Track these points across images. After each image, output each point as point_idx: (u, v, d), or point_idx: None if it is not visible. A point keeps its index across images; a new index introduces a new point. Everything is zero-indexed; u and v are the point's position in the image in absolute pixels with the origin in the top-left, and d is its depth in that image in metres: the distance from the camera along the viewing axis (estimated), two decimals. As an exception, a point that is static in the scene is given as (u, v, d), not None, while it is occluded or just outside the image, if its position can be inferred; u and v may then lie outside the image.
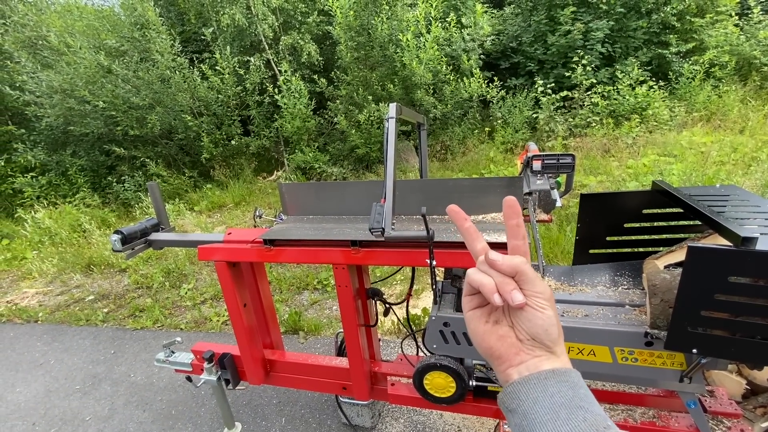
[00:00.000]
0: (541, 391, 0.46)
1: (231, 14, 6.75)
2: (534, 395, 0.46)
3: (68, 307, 4.24)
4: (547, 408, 0.44)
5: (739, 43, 6.83)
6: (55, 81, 6.71)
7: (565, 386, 0.46)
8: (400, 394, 1.67)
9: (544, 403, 0.45)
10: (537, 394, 0.46)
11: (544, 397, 0.45)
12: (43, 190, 7.47)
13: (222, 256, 1.58)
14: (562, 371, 0.48)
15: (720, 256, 0.92)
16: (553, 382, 0.46)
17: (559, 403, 0.44)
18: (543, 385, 0.46)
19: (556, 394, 0.45)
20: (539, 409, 0.45)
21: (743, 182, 4.34)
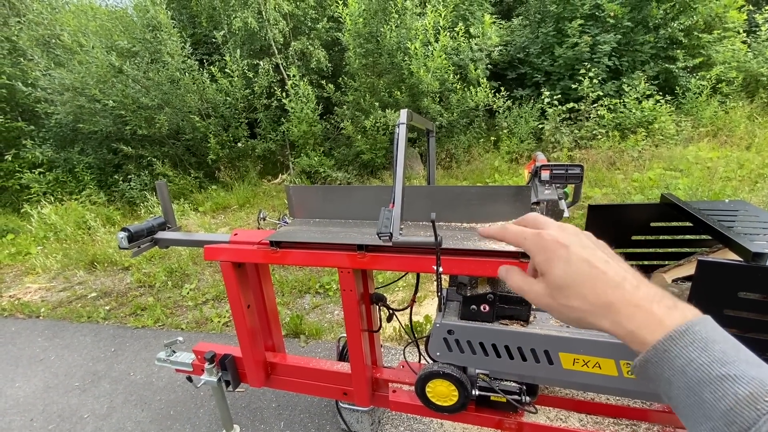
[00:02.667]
0: (668, 368, 0.37)
1: (243, 18, 6.84)
2: (666, 375, 0.38)
3: (70, 303, 4.25)
4: (685, 392, 0.36)
5: (746, 59, 6.85)
6: (67, 79, 6.80)
7: (695, 350, 0.37)
8: (401, 402, 1.66)
9: (680, 384, 0.36)
10: (667, 373, 0.37)
11: (675, 374, 0.37)
12: (50, 186, 7.53)
13: (228, 256, 1.58)
14: (681, 330, 0.38)
15: (730, 271, 0.91)
16: (678, 349, 0.37)
17: (696, 379, 0.35)
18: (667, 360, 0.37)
19: (688, 367, 0.36)
20: (677, 393, 0.37)
21: (750, 199, 4.32)
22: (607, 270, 0.44)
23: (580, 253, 0.45)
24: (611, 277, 0.43)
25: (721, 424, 0.33)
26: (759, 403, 0.32)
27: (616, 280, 0.43)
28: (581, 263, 0.45)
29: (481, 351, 1.32)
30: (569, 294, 0.45)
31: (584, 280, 0.44)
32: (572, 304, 0.45)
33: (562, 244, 0.46)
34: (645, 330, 0.40)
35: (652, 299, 0.41)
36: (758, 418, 0.31)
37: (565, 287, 0.45)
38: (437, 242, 1.12)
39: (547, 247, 0.47)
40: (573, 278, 0.45)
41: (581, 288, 0.44)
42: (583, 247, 0.46)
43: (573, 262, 0.45)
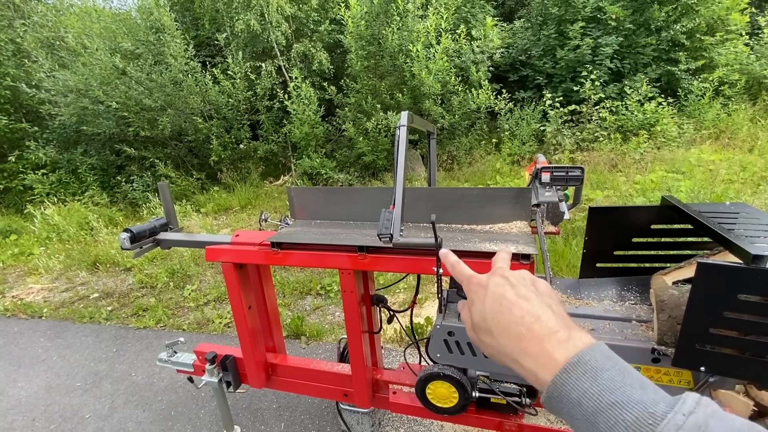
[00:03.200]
0: (566, 402, 0.38)
1: (246, 20, 6.87)
2: (566, 409, 0.39)
3: (72, 304, 4.27)
4: (584, 424, 0.37)
5: (749, 62, 6.84)
6: (71, 81, 6.85)
7: (586, 380, 0.38)
8: (401, 403, 1.66)
9: (578, 415, 0.37)
10: (566, 407, 0.39)
11: (573, 407, 0.38)
12: (53, 187, 7.57)
13: (229, 257, 1.59)
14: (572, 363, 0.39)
15: (730, 273, 0.91)
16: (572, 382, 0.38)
17: (591, 410, 0.36)
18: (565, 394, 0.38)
19: (582, 399, 0.37)
20: (579, 425, 0.38)
21: (752, 201, 4.31)
22: (511, 308, 0.46)
23: (493, 293, 0.48)
24: (514, 313, 0.45)
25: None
26: (644, 426, 0.32)
27: (517, 316, 0.45)
28: (492, 302, 0.47)
29: (481, 353, 1.32)
30: (482, 331, 0.48)
31: (492, 317, 0.47)
32: (485, 340, 0.48)
33: (482, 286, 0.50)
34: (538, 367, 0.41)
35: (545, 335, 0.42)
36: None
37: (478, 324, 0.49)
38: (437, 243, 1.13)
39: (471, 289, 0.52)
40: (484, 316, 0.48)
41: (489, 325, 0.47)
42: (497, 286, 0.49)
43: (486, 302, 0.48)
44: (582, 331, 0.43)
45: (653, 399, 0.34)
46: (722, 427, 0.30)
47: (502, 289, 0.48)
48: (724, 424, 0.30)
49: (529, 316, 0.44)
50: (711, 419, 0.31)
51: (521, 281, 0.50)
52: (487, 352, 0.49)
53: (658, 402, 0.33)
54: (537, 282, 0.51)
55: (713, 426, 0.30)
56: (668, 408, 0.32)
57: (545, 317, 0.44)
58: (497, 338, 0.46)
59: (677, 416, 0.31)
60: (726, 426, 0.30)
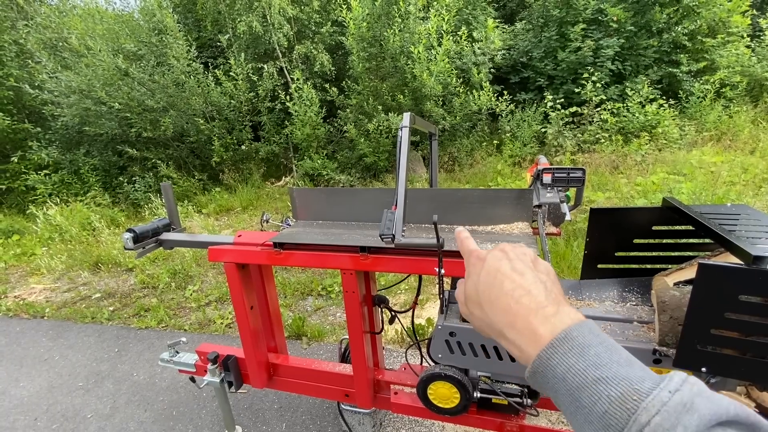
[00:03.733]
0: (551, 377, 0.38)
1: (248, 22, 6.90)
2: (550, 384, 0.39)
3: (75, 304, 4.28)
4: (568, 398, 0.37)
5: (750, 64, 6.84)
6: (74, 82, 6.88)
7: (573, 356, 0.37)
8: (403, 404, 1.66)
9: (563, 390, 0.37)
10: (550, 382, 0.38)
11: (558, 382, 0.38)
12: (56, 187, 7.60)
13: (232, 257, 1.60)
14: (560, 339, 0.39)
15: (731, 274, 0.91)
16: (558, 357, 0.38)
17: (575, 385, 0.36)
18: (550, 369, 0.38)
19: (568, 374, 0.37)
20: (562, 400, 0.38)
21: (753, 203, 4.31)
22: (503, 280, 0.45)
23: (491, 264, 0.47)
24: (506, 285, 0.44)
25: (600, 427, 0.33)
26: (628, 402, 0.32)
27: (508, 288, 0.44)
28: (487, 274, 0.47)
29: (482, 353, 1.33)
30: (472, 302, 0.48)
31: (484, 289, 0.46)
32: (474, 311, 0.48)
33: (480, 258, 0.49)
34: (524, 341, 0.41)
35: (532, 308, 0.41)
36: (628, 418, 0.31)
37: (470, 296, 0.48)
38: (439, 244, 1.13)
39: (470, 262, 0.51)
40: (476, 287, 0.47)
41: (481, 297, 0.46)
42: (497, 259, 0.47)
43: (482, 274, 0.47)
44: (571, 307, 0.42)
45: (639, 376, 0.34)
46: (708, 406, 0.30)
47: (498, 263, 0.47)
48: (711, 403, 0.30)
49: (520, 290, 0.43)
50: (697, 397, 0.30)
51: (521, 256, 0.48)
52: (474, 324, 0.49)
53: (644, 379, 0.33)
54: (537, 260, 0.49)
55: (699, 404, 0.30)
56: (654, 385, 0.32)
57: (536, 291, 0.43)
58: (486, 310, 0.45)
59: (663, 393, 0.31)
60: (712, 405, 0.30)
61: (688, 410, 0.30)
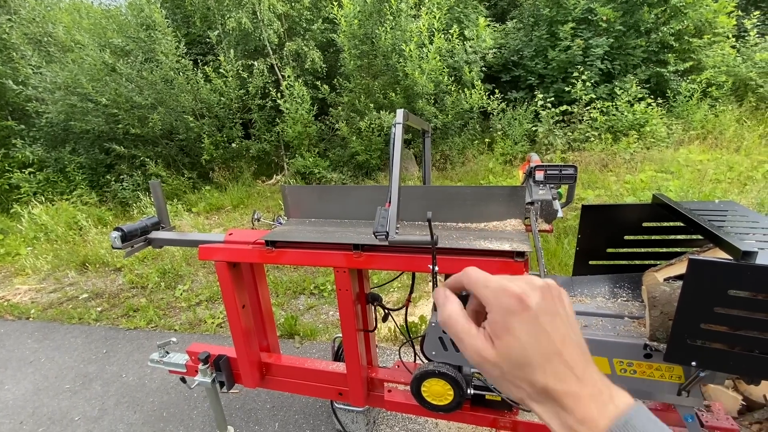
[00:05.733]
0: None
1: (237, 18, 6.82)
2: None
3: (61, 304, 4.20)
4: None
5: (735, 64, 6.96)
6: (59, 77, 6.73)
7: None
8: (396, 401, 1.66)
9: None
10: None
11: None
12: (40, 186, 7.44)
13: (223, 256, 1.58)
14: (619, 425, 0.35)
15: (720, 269, 0.93)
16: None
17: None
18: None
19: None
20: None
21: (739, 200, 4.39)
22: (562, 351, 0.38)
23: (544, 327, 0.38)
24: (565, 359, 0.38)
25: None
26: None
27: (563, 368, 0.37)
28: (540, 340, 0.38)
29: (476, 350, 1.33)
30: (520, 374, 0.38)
31: (539, 362, 0.38)
32: (519, 384, 0.39)
33: (527, 307, 0.38)
34: (582, 427, 0.36)
35: (591, 394, 0.37)
36: None
37: (519, 365, 0.38)
38: (433, 241, 1.13)
39: (509, 308, 0.39)
40: (527, 356, 0.38)
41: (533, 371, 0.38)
42: (548, 314, 0.39)
43: (532, 335, 0.38)
44: (619, 389, 0.38)
45: None
46: None
47: (553, 325, 0.38)
48: None
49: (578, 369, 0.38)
50: None
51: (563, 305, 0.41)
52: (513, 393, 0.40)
53: None
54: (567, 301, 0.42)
55: None
56: None
57: (589, 371, 0.38)
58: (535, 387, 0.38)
59: None
60: None
61: None
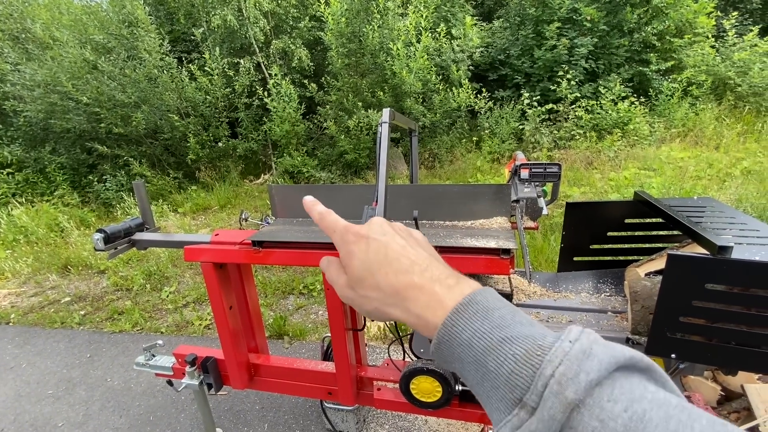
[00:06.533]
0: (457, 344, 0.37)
1: (222, 15, 6.72)
2: (456, 352, 0.37)
3: (42, 308, 4.10)
4: (474, 366, 0.36)
5: (715, 63, 7.14)
6: (39, 74, 6.55)
7: (478, 319, 0.37)
8: (386, 399, 1.66)
9: (469, 358, 0.36)
10: (456, 350, 0.37)
11: (464, 350, 0.37)
12: (20, 187, 7.23)
13: (209, 257, 1.56)
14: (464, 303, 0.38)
15: (697, 264, 0.95)
16: (463, 322, 0.37)
17: (481, 349, 0.35)
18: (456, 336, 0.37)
19: (473, 338, 0.36)
20: (469, 369, 0.37)
21: (718, 196, 4.51)
22: (399, 256, 0.44)
23: (378, 241, 0.45)
24: (402, 262, 0.43)
25: (506, 391, 0.33)
26: (533, 358, 0.32)
27: (405, 265, 0.43)
28: (378, 251, 0.44)
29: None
30: (365, 285, 0.44)
31: (378, 268, 0.43)
32: (369, 294, 0.44)
33: (362, 236, 0.46)
34: (428, 311, 0.40)
35: (435, 280, 0.41)
36: (533, 374, 0.31)
37: (362, 278, 0.44)
38: (420, 240, 1.13)
39: (348, 240, 0.47)
40: (369, 268, 0.44)
41: (375, 276, 0.43)
42: (382, 234, 0.46)
43: (370, 252, 0.44)
44: (470, 279, 0.42)
45: (541, 333, 0.34)
46: (606, 351, 0.31)
47: (385, 238, 0.45)
48: (608, 349, 0.31)
49: (419, 265, 0.43)
50: (594, 345, 0.31)
51: (400, 231, 0.48)
52: (369, 306, 0.45)
53: (546, 335, 0.33)
54: (413, 231, 0.49)
55: (597, 350, 0.31)
56: (555, 338, 0.33)
57: (433, 266, 0.43)
58: (384, 290, 0.43)
59: (564, 344, 0.31)
60: (609, 350, 0.31)
61: (588, 356, 0.30)
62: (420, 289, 0.41)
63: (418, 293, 0.41)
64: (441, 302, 0.40)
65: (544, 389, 0.30)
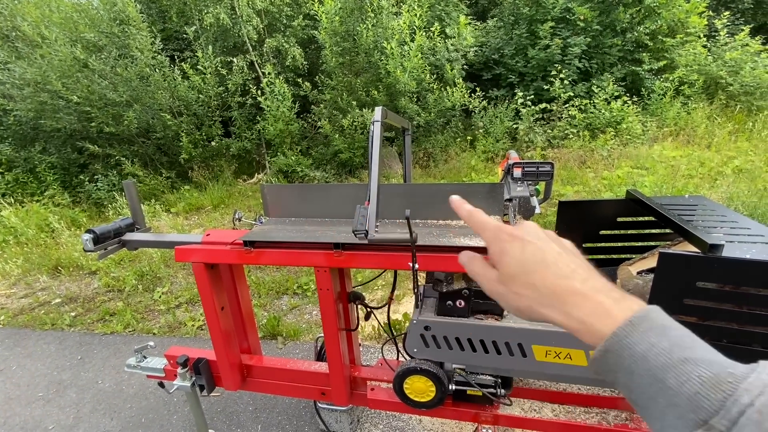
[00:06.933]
0: (628, 356, 0.37)
1: (215, 14, 6.67)
2: (626, 364, 0.37)
3: (32, 310, 4.04)
4: (647, 380, 0.35)
5: (706, 63, 7.20)
6: (28, 73, 6.46)
7: (655, 335, 0.37)
8: (380, 399, 1.66)
9: (641, 371, 0.36)
10: (626, 362, 0.37)
11: (636, 362, 0.36)
12: (9, 187, 7.14)
13: (200, 257, 1.54)
14: (639, 317, 0.38)
15: (689, 262, 0.96)
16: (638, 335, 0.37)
17: (659, 365, 0.35)
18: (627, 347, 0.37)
19: (650, 353, 0.36)
20: (639, 382, 0.36)
21: (710, 195, 4.55)
22: (558, 261, 0.46)
23: (534, 244, 0.47)
24: (561, 267, 0.45)
25: (687, 410, 0.32)
26: (722, 384, 0.32)
27: (565, 271, 0.45)
28: (534, 253, 0.47)
29: (457, 346, 1.34)
30: (520, 282, 0.47)
31: (535, 269, 0.46)
32: (522, 292, 0.47)
33: (517, 236, 0.49)
34: (594, 318, 0.41)
35: (600, 290, 0.43)
36: (725, 399, 0.31)
37: (516, 275, 0.47)
38: (413, 239, 1.13)
39: (502, 239, 0.49)
40: (525, 267, 0.46)
41: (531, 277, 0.46)
42: (537, 239, 0.48)
43: (526, 252, 0.47)
44: (633, 296, 0.43)
45: (729, 361, 0.34)
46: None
47: (541, 243, 0.48)
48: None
49: (579, 273, 0.44)
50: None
51: (553, 238, 0.50)
52: (521, 303, 0.47)
53: (736, 364, 0.33)
54: (564, 241, 0.51)
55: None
56: (749, 369, 0.32)
57: (594, 277, 0.45)
58: (540, 290, 0.45)
59: (763, 376, 0.31)
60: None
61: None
62: (583, 297, 0.42)
63: (581, 300, 0.42)
64: (608, 312, 0.40)
65: (740, 416, 0.30)
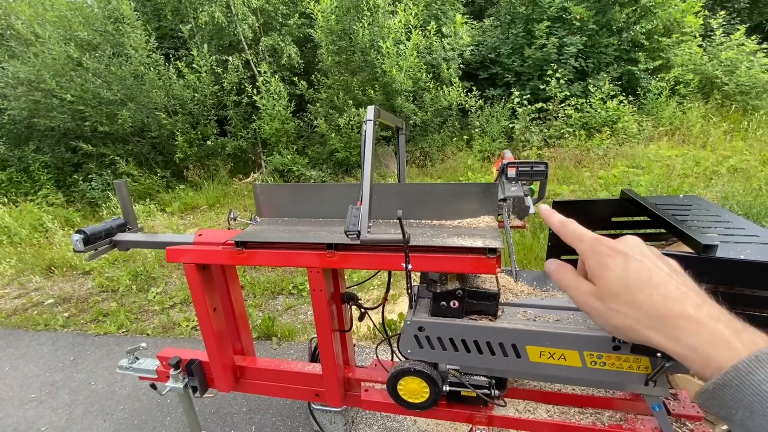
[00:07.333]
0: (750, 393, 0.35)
1: (210, 12, 6.63)
2: (746, 401, 0.35)
3: (25, 311, 4.00)
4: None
5: (702, 62, 7.23)
6: (22, 72, 6.40)
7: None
8: (374, 400, 1.64)
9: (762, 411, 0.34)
10: (747, 398, 0.35)
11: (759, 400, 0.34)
12: (3, 186, 7.08)
13: (191, 258, 1.52)
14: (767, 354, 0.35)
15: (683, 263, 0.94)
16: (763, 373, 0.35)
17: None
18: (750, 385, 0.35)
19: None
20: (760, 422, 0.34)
21: (705, 194, 4.57)
22: (666, 282, 0.42)
23: (640, 261, 0.44)
24: (671, 289, 0.42)
25: None
26: None
27: (676, 294, 0.41)
28: (640, 271, 0.43)
29: (451, 347, 1.33)
30: (621, 300, 0.43)
31: (640, 288, 0.42)
32: (623, 310, 0.43)
33: (619, 251, 0.46)
34: (710, 349, 0.38)
35: (716, 318, 0.39)
36: None
37: (617, 293, 0.44)
38: (405, 239, 1.12)
39: (603, 252, 0.46)
40: (628, 284, 0.43)
41: (635, 295, 0.42)
42: (642, 256, 0.45)
43: (630, 270, 0.44)
44: (755, 328, 0.40)
45: None
46: None
47: (647, 261, 0.44)
48: None
49: (692, 298, 0.41)
50: None
51: (661, 257, 0.46)
52: (620, 322, 0.44)
53: None
54: (670, 260, 0.47)
55: None
56: None
57: (709, 303, 0.41)
58: (645, 311, 0.42)
59: None
60: None
61: None
62: (697, 323, 0.39)
63: (694, 326, 0.39)
64: (728, 343, 0.38)
65: None
